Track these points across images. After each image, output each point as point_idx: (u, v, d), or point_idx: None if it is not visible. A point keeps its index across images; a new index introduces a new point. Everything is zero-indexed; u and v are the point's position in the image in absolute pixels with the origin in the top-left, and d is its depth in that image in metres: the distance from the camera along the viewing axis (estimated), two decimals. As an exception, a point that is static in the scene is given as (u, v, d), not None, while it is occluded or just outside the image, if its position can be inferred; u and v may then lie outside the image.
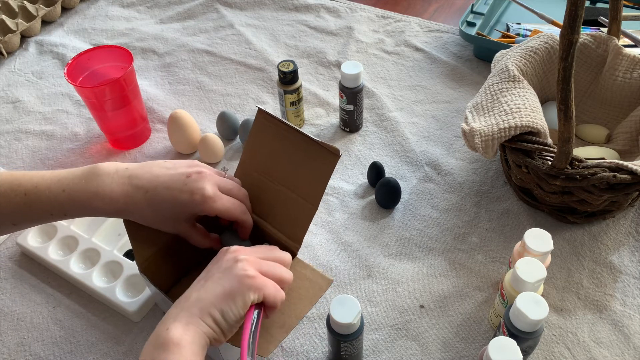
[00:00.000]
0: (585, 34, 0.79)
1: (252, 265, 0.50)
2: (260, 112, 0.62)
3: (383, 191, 0.76)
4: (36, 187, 0.54)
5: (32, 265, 0.73)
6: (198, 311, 0.47)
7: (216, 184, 0.57)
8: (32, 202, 0.54)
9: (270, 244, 0.66)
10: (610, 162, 0.62)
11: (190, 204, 0.55)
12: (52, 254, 0.72)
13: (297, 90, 0.85)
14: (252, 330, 0.47)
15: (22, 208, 0.54)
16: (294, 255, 0.62)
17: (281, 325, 0.54)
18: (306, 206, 0.59)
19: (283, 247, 0.63)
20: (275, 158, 0.62)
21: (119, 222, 0.73)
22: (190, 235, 0.59)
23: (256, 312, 0.49)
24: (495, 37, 1.02)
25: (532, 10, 0.97)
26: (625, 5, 1.05)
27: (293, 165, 0.60)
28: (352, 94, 0.83)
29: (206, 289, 0.48)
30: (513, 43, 0.95)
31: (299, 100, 0.87)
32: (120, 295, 0.67)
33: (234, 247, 0.52)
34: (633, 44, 0.84)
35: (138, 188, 0.55)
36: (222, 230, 0.63)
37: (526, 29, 1.03)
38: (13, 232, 0.64)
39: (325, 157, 0.57)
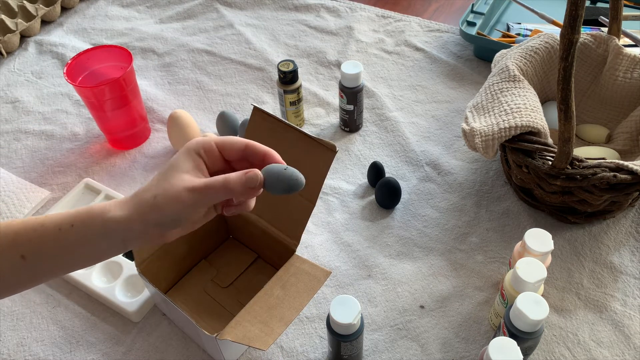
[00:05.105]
0: (585, 33, 0.79)
1: None
2: (256, 110, 0.62)
3: (383, 191, 0.76)
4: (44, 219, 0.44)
5: (31, 265, 0.73)
6: None
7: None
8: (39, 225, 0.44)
9: (269, 242, 0.66)
10: (611, 162, 0.62)
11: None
12: (52, 254, 0.72)
13: (297, 90, 0.85)
14: None
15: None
16: (292, 252, 0.62)
17: (280, 319, 0.54)
18: (304, 203, 0.59)
19: (282, 245, 0.63)
20: None
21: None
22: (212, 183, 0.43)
23: None
24: (495, 36, 1.02)
25: (533, 10, 0.97)
26: (625, 5, 1.05)
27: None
28: (352, 94, 0.83)
29: None
30: (513, 43, 0.95)
31: (299, 100, 0.86)
32: (120, 296, 0.67)
33: None
34: (633, 43, 0.84)
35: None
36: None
37: (526, 29, 1.03)
38: (23, 275, 0.46)
39: (321, 153, 0.57)
